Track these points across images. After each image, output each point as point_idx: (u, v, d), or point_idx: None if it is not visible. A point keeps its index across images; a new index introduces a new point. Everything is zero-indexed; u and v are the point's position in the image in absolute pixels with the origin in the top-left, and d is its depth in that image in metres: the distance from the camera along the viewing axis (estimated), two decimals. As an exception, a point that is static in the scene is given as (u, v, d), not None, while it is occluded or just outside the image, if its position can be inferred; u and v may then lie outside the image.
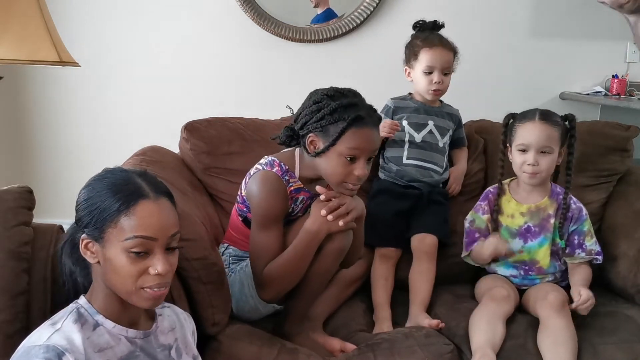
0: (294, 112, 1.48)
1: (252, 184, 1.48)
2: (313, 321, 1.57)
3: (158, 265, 0.95)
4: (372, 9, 2.52)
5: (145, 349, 1.02)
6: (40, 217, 1.25)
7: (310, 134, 1.41)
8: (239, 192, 1.56)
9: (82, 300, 1.00)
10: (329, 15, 2.56)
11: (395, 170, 1.84)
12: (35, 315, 1.13)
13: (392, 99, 1.91)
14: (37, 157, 2.65)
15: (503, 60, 2.63)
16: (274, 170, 1.46)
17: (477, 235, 1.71)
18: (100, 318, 0.98)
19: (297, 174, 1.48)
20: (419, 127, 1.85)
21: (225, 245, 1.60)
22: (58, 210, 2.45)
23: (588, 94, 2.61)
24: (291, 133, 1.48)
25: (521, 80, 2.65)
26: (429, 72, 1.80)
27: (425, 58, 1.80)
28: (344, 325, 1.62)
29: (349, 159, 1.37)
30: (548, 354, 1.43)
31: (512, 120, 1.70)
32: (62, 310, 0.98)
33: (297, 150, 1.50)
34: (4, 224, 1.15)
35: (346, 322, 1.63)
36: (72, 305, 0.99)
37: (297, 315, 1.51)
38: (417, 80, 1.84)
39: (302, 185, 1.49)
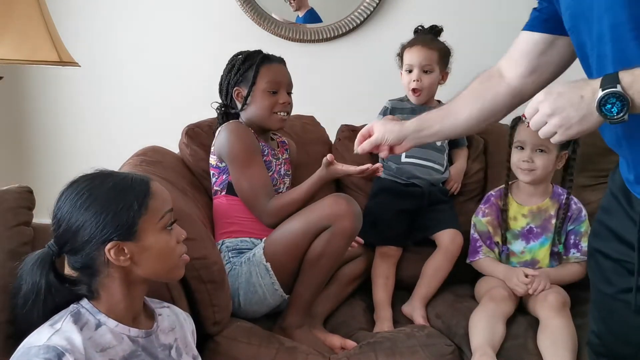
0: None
1: (222, 136, 1.62)
2: (314, 318, 1.58)
3: (182, 231, 1.06)
4: (372, 9, 2.52)
5: (146, 349, 1.02)
6: (40, 217, 1.25)
7: (234, 89, 1.66)
8: (211, 175, 1.68)
9: (83, 301, 0.99)
10: (311, 17, 2.55)
11: (394, 169, 1.84)
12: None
13: (389, 100, 1.92)
14: (37, 157, 2.66)
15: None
16: (230, 122, 1.66)
17: (478, 244, 1.72)
18: (102, 317, 0.98)
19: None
20: None
21: (220, 242, 1.61)
22: (58, 210, 2.44)
23: (588, 94, 2.61)
24: (224, 109, 1.72)
25: (521, 80, 2.65)
26: (409, 71, 1.84)
27: (406, 57, 1.85)
28: (345, 324, 1.62)
29: (271, 92, 1.62)
30: (548, 354, 1.42)
31: (519, 122, 1.71)
32: (62, 311, 0.98)
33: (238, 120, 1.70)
34: (4, 224, 1.15)
35: (346, 320, 1.64)
36: (72, 306, 0.99)
37: (300, 306, 1.51)
38: (402, 80, 1.87)
39: (257, 135, 1.66)
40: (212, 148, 1.68)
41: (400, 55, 1.88)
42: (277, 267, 1.49)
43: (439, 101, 1.93)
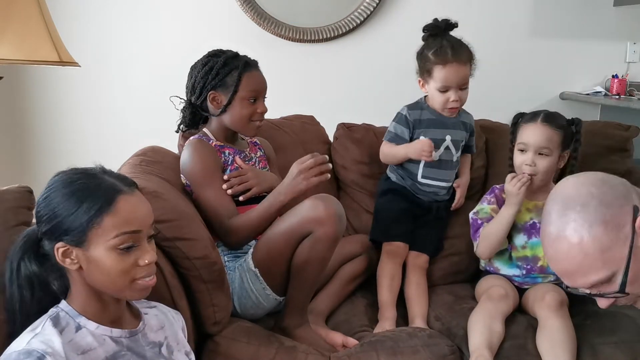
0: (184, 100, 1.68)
1: (182, 157, 1.61)
2: (316, 315, 1.58)
3: (146, 256, 0.97)
4: (372, 9, 2.52)
5: (132, 348, 1.01)
6: (40, 217, 1.25)
7: (210, 93, 1.59)
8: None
9: (62, 304, 0.98)
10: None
11: (409, 184, 1.82)
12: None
13: (407, 107, 1.80)
14: (37, 157, 2.66)
15: (503, 60, 2.63)
16: (192, 139, 1.63)
17: (479, 222, 1.70)
18: (82, 320, 0.97)
19: (213, 139, 1.63)
20: (436, 143, 1.74)
21: (216, 242, 1.61)
22: (58, 210, 2.44)
23: (588, 94, 2.62)
24: (192, 109, 1.66)
25: (521, 80, 2.65)
26: (444, 91, 1.71)
27: (439, 77, 1.69)
28: (346, 322, 1.62)
29: (251, 100, 1.58)
30: (546, 354, 1.43)
31: (520, 119, 1.70)
32: (42, 317, 0.97)
33: (204, 129, 1.66)
34: (4, 224, 1.14)
35: (348, 319, 1.64)
36: (52, 310, 0.97)
37: (296, 308, 1.51)
38: (433, 97, 1.75)
39: (222, 143, 1.64)
40: (182, 177, 1.63)
41: (427, 69, 1.72)
42: (266, 272, 1.48)
43: None
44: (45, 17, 1.68)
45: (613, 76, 2.64)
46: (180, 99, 1.69)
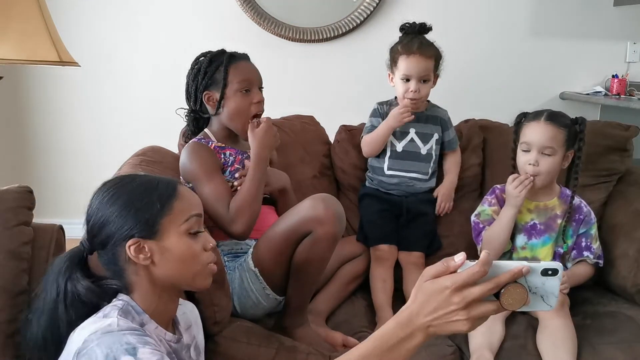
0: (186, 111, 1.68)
1: (181, 160, 1.60)
2: (316, 315, 1.58)
3: (210, 240, 1.01)
4: (371, 9, 2.52)
5: (177, 353, 1.00)
6: (40, 217, 1.25)
7: (204, 94, 1.59)
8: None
9: (124, 297, 0.96)
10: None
11: (377, 182, 1.85)
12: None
13: (378, 103, 1.89)
14: (37, 157, 2.66)
15: (503, 60, 2.63)
16: (190, 142, 1.62)
17: (481, 226, 1.70)
18: (145, 318, 0.96)
19: (214, 140, 1.62)
20: (400, 135, 1.82)
21: (216, 243, 1.60)
22: (58, 210, 2.45)
23: (588, 94, 2.62)
24: (193, 114, 1.67)
25: (521, 80, 2.66)
26: (406, 80, 1.78)
27: (402, 66, 1.77)
28: (346, 322, 1.63)
29: (244, 91, 1.56)
30: (547, 354, 1.43)
31: (523, 118, 1.70)
32: (106, 307, 0.94)
33: (205, 129, 1.65)
34: (4, 224, 1.15)
35: (348, 319, 1.64)
36: (116, 302, 0.95)
37: (296, 307, 1.51)
38: (397, 88, 1.82)
39: (224, 144, 1.62)
40: (182, 180, 1.62)
41: (394, 59, 1.81)
42: (266, 272, 1.47)
43: (428, 101, 1.89)
44: (45, 17, 1.68)
45: (613, 76, 2.64)
46: (185, 109, 1.68)
